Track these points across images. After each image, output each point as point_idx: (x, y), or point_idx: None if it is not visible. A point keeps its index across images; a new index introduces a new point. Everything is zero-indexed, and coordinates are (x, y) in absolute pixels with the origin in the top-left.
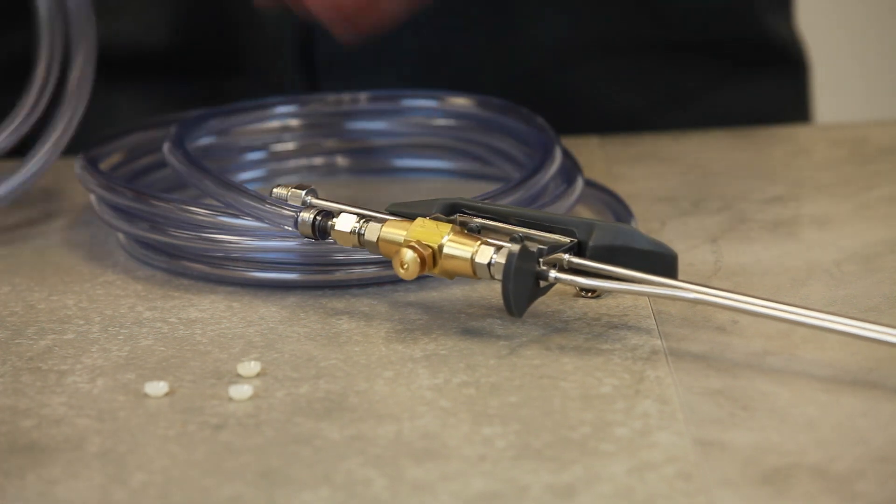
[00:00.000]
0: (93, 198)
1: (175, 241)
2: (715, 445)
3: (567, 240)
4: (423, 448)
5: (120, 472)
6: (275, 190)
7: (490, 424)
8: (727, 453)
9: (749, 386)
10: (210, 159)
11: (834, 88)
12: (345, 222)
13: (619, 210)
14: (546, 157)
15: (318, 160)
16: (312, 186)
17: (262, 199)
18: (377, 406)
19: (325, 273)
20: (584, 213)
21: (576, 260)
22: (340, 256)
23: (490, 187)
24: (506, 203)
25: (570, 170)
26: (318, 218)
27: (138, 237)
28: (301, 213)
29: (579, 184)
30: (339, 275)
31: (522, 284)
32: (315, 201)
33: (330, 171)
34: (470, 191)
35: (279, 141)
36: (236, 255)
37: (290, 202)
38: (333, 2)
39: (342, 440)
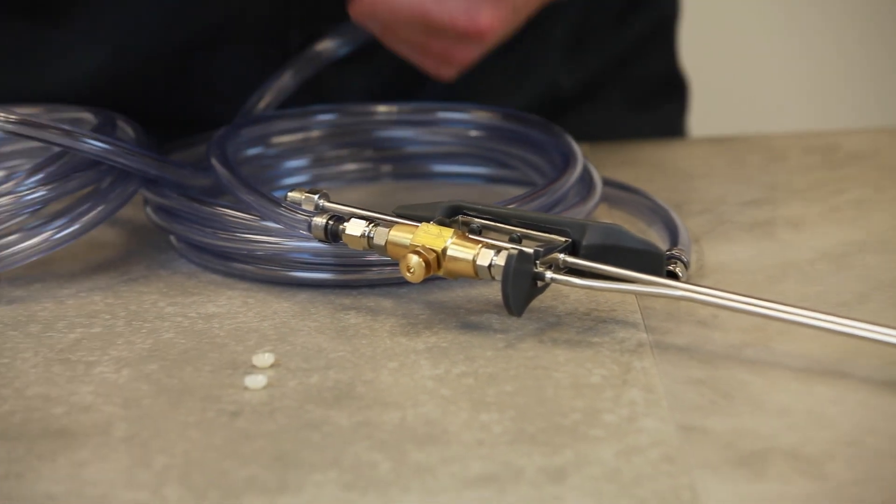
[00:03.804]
0: (147, 204)
1: (222, 243)
2: (696, 430)
3: (562, 239)
4: (425, 433)
5: (144, 456)
6: (290, 194)
7: (487, 411)
8: (708, 438)
9: (728, 376)
10: (257, 165)
11: (808, 97)
12: (355, 227)
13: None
14: (568, 163)
15: (355, 165)
16: (325, 191)
17: (277, 203)
18: (383, 394)
19: (356, 273)
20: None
21: (570, 259)
22: (372, 257)
23: (515, 191)
24: (530, 208)
25: (590, 176)
26: (330, 222)
27: (189, 238)
28: (314, 218)
29: (598, 189)
30: (371, 274)
31: (520, 285)
32: (327, 205)
33: (367, 175)
34: (495, 195)
35: (319, 147)
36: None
37: (304, 206)
38: (419, 46)
39: (350, 426)
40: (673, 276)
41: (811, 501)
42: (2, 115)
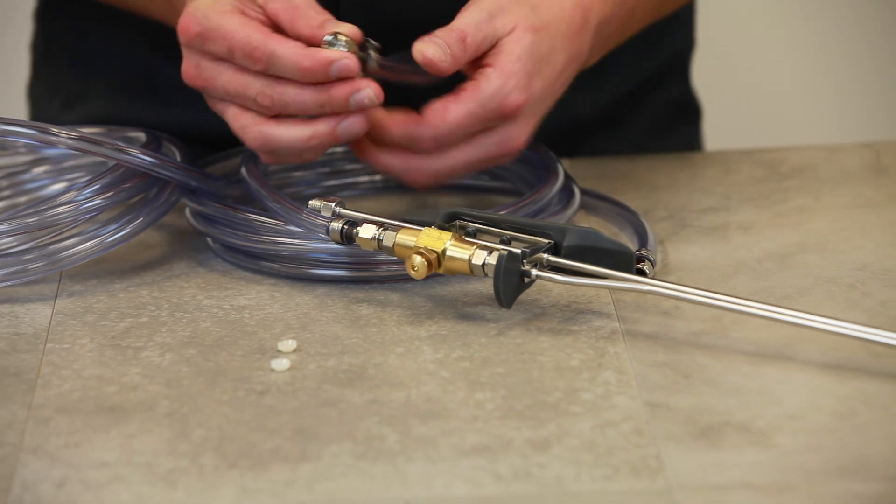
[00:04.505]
0: (188, 210)
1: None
2: (662, 407)
3: (545, 241)
4: (427, 410)
5: (184, 429)
6: (311, 202)
7: (482, 390)
8: (672, 413)
9: (689, 359)
10: (283, 177)
11: (757, 118)
12: (367, 231)
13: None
14: (550, 176)
15: (368, 177)
16: (341, 199)
17: (300, 209)
18: (390, 376)
19: (368, 270)
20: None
21: (553, 258)
22: (382, 257)
23: (505, 200)
24: (518, 214)
25: (570, 187)
26: (345, 227)
27: (223, 241)
28: (331, 223)
29: (577, 198)
30: (380, 271)
31: (510, 281)
32: (343, 211)
33: (377, 186)
34: (488, 203)
35: (337, 161)
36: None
37: (323, 213)
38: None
39: (362, 403)
40: (641, 273)
41: (760, 468)
42: (64, 132)
